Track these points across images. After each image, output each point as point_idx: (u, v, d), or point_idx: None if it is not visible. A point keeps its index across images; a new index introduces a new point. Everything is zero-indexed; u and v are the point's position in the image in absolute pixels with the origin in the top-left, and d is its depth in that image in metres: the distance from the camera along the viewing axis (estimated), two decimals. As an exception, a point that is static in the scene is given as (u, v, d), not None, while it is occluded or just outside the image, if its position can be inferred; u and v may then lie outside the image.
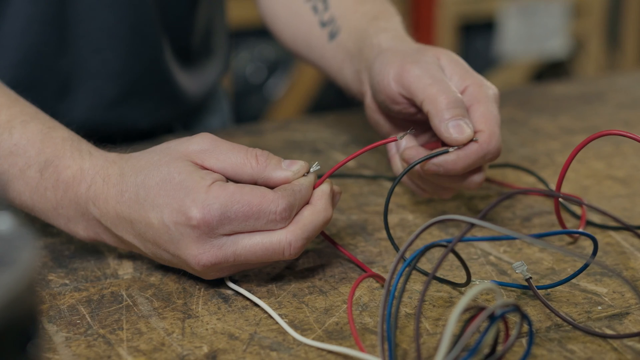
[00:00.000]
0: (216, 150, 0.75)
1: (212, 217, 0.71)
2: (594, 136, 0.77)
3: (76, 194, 0.78)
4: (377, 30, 0.92)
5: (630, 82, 1.34)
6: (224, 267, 0.75)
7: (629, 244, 0.85)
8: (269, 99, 2.64)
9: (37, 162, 0.79)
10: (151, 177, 0.74)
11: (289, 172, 0.76)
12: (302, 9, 1.02)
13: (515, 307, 0.62)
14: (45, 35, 1.01)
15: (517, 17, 2.78)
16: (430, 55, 0.86)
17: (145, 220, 0.74)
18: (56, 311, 0.75)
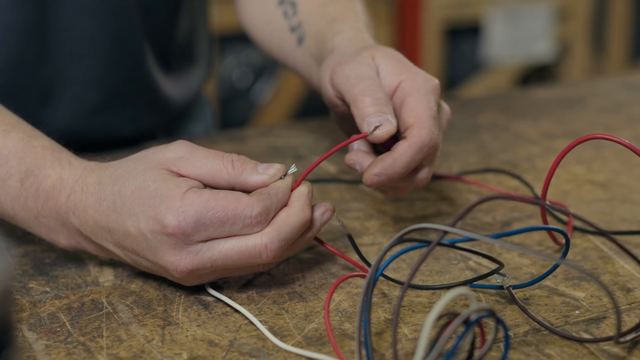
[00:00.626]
0: (192, 157, 0.75)
1: (187, 224, 0.72)
2: (578, 141, 0.77)
3: (56, 204, 0.78)
4: (333, 33, 0.92)
5: (612, 87, 1.34)
6: (203, 273, 0.75)
7: (608, 248, 0.85)
8: (256, 103, 2.65)
9: (18, 171, 0.79)
10: (127, 185, 0.74)
11: (266, 175, 0.76)
12: (274, 14, 1.03)
13: (490, 312, 0.63)
14: (26, 42, 1.01)
15: (502, 21, 2.79)
16: (365, 55, 0.85)
17: (123, 228, 0.74)
18: (36, 319, 0.75)
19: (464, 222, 0.91)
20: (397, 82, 0.84)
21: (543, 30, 2.84)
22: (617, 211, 0.93)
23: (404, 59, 0.86)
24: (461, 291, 0.61)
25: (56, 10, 1.01)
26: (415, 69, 0.85)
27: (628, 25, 3.03)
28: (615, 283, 0.79)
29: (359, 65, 0.84)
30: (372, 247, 0.87)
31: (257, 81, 2.65)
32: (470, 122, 1.20)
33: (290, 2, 1.01)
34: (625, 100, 1.28)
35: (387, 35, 2.66)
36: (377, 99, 0.81)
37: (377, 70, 0.85)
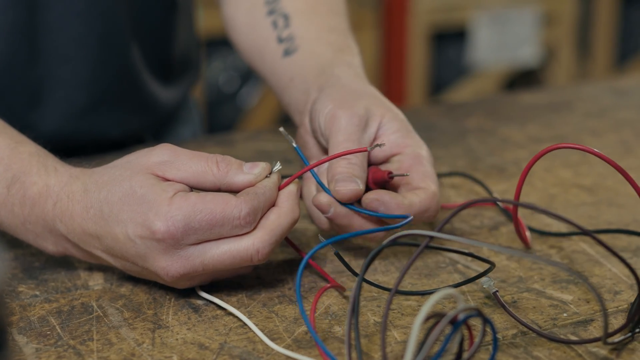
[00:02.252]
0: (177, 160, 0.76)
1: (176, 228, 0.72)
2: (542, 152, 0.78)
3: (43, 211, 0.78)
4: (341, 63, 0.93)
5: (598, 91, 1.35)
6: (194, 276, 0.75)
7: (595, 251, 0.86)
8: (242, 108, 2.65)
9: (5, 178, 0.79)
10: (113, 192, 0.74)
11: (251, 175, 0.76)
12: (262, 22, 1.02)
13: (477, 311, 0.63)
14: (14, 45, 1.01)
15: (488, 25, 2.80)
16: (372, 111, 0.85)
17: (112, 235, 0.75)
18: (26, 322, 0.75)
19: (452, 226, 0.92)
20: (404, 145, 0.85)
21: (529, 34, 2.85)
22: (604, 215, 0.94)
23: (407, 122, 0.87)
24: (448, 292, 0.62)
25: (45, 12, 1.01)
26: (418, 137, 0.86)
27: (613, 29, 3.04)
28: (602, 286, 0.80)
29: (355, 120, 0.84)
30: (361, 250, 0.87)
31: (244, 85, 2.65)
32: (457, 126, 1.20)
33: (282, 14, 1.01)
34: (611, 104, 1.29)
35: (373, 39, 2.67)
36: (353, 165, 0.82)
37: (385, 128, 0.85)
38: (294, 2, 1.02)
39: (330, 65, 0.93)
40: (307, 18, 1.01)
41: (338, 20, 1.02)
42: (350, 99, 0.86)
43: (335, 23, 1.02)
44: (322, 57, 0.95)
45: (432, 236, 0.67)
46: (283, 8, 1.01)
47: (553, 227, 0.91)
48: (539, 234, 0.90)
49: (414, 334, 0.59)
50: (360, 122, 0.84)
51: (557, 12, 2.89)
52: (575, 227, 0.67)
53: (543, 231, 0.90)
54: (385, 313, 0.64)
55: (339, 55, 0.95)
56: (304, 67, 0.96)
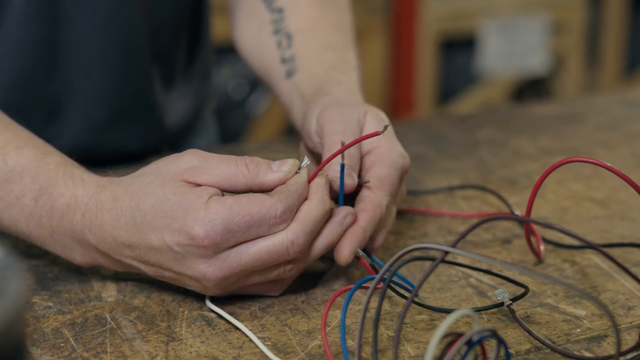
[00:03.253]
0: (206, 165, 0.76)
1: (215, 233, 0.72)
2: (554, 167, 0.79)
3: (71, 222, 0.78)
4: (332, 82, 0.94)
5: (609, 103, 1.35)
6: (232, 280, 0.76)
7: (608, 266, 0.86)
8: (251, 115, 2.65)
9: (32, 189, 0.79)
10: (145, 200, 0.75)
11: (281, 172, 0.77)
12: (268, 42, 1.03)
13: (492, 332, 0.63)
14: (36, 58, 1.01)
15: (497, 34, 2.80)
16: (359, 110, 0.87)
17: (146, 242, 0.75)
18: (40, 334, 0.75)
19: (465, 239, 0.92)
20: (376, 145, 0.85)
21: (538, 43, 2.85)
22: (616, 229, 0.94)
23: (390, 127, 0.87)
24: (465, 312, 0.62)
25: (66, 26, 1.02)
26: (395, 141, 0.86)
27: (622, 38, 3.04)
28: (615, 301, 0.80)
29: (348, 117, 0.85)
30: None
31: (253, 93, 2.66)
32: (469, 138, 1.20)
33: (286, 34, 1.02)
34: (622, 116, 1.29)
35: (382, 47, 2.67)
36: (349, 154, 0.83)
37: (363, 127, 0.86)
38: (296, 21, 1.03)
39: (322, 85, 0.94)
40: (307, 37, 1.02)
41: (338, 35, 1.03)
42: (336, 101, 0.88)
43: (334, 39, 1.02)
44: (315, 78, 0.96)
45: (447, 251, 0.68)
46: (287, 27, 1.02)
47: (566, 239, 0.91)
48: (554, 246, 0.90)
49: (430, 353, 0.59)
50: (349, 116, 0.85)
51: (566, 21, 2.89)
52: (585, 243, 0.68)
53: (557, 243, 0.90)
54: (398, 327, 0.65)
55: (331, 73, 0.96)
56: (302, 87, 0.97)
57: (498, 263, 0.68)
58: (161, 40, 1.11)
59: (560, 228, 0.69)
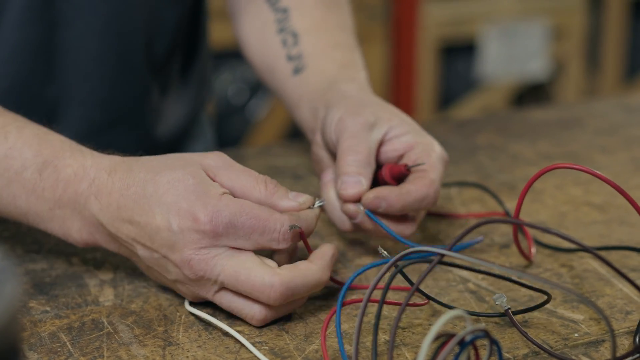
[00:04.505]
0: (229, 169, 0.77)
1: (219, 223, 0.73)
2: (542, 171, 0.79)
3: (76, 192, 0.78)
4: (346, 79, 0.95)
5: (608, 108, 1.35)
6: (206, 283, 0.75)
7: (606, 270, 0.86)
8: (251, 120, 2.65)
9: (35, 163, 0.79)
10: (163, 175, 0.75)
11: (295, 202, 0.78)
12: (273, 40, 1.04)
13: (485, 332, 0.63)
14: (32, 62, 1.01)
15: (497, 39, 2.80)
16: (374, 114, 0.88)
17: (148, 214, 0.75)
18: (37, 338, 0.75)
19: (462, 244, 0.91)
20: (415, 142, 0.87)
21: (538, 48, 2.85)
22: (615, 233, 0.94)
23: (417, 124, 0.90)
24: (457, 313, 0.62)
25: (64, 30, 1.01)
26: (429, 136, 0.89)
27: (622, 44, 3.04)
28: (613, 306, 0.80)
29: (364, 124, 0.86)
30: (371, 267, 0.87)
31: (253, 98, 2.66)
32: (467, 143, 1.20)
33: (291, 32, 1.02)
34: (622, 121, 1.29)
35: (382, 53, 2.68)
36: (357, 160, 0.84)
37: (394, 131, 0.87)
38: (302, 20, 1.04)
39: (335, 82, 0.95)
40: (314, 35, 1.03)
41: (344, 36, 1.04)
42: (359, 107, 0.89)
43: (342, 39, 1.03)
44: (327, 74, 0.97)
45: (443, 254, 0.68)
46: (292, 26, 1.03)
47: (564, 244, 0.90)
48: (551, 250, 0.89)
49: (422, 354, 0.59)
50: (366, 123, 0.87)
51: (567, 26, 2.89)
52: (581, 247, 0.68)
53: (555, 247, 0.90)
54: (393, 331, 0.64)
55: (343, 71, 0.97)
56: (311, 85, 0.97)
57: (496, 267, 0.68)
58: (158, 46, 1.11)
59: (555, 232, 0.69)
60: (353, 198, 0.84)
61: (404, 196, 0.83)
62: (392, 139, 0.87)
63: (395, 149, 0.87)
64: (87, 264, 0.87)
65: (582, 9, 2.90)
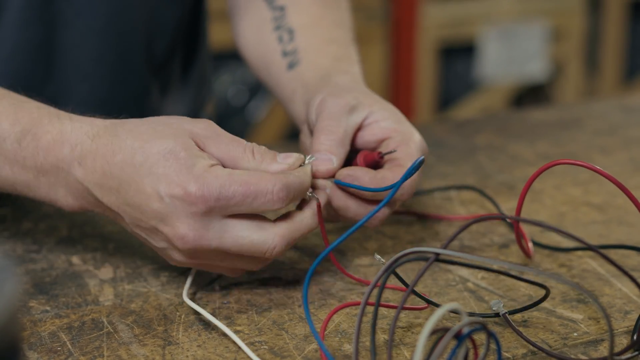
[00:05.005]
0: (218, 139, 0.77)
1: (210, 193, 0.73)
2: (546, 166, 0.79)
3: (57, 158, 0.77)
4: (339, 72, 0.95)
5: (607, 109, 1.35)
6: (203, 253, 0.75)
7: (605, 270, 0.86)
8: (250, 121, 2.65)
9: (13, 132, 0.79)
10: (154, 144, 0.75)
11: (285, 164, 0.78)
12: (269, 37, 1.04)
13: (482, 325, 0.63)
14: (32, 62, 1.01)
15: (497, 40, 2.81)
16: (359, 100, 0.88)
17: (137, 184, 0.74)
18: (37, 338, 0.75)
19: (461, 243, 0.92)
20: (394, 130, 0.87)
21: (537, 50, 2.86)
22: (614, 233, 0.94)
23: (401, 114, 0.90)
24: (452, 306, 0.62)
25: (64, 30, 1.02)
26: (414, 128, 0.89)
27: (622, 45, 3.04)
28: (612, 305, 0.80)
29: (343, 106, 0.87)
30: (370, 268, 0.87)
31: (252, 99, 2.66)
32: (467, 143, 1.20)
33: (287, 29, 1.03)
34: (620, 122, 1.29)
35: (381, 54, 2.68)
36: (331, 140, 0.85)
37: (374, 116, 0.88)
38: (299, 17, 1.04)
39: (328, 74, 0.95)
40: (310, 31, 1.03)
41: (340, 32, 1.04)
42: (342, 91, 0.89)
43: (337, 35, 1.04)
44: (321, 68, 0.97)
45: (438, 253, 0.67)
46: (288, 23, 1.03)
47: (563, 244, 0.91)
48: (550, 250, 0.90)
49: (419, 349, 0.59)
50: (346, 105, 0.87)
51: (566, 28, 2.89)
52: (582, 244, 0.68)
53: (554, 247, 0.90)
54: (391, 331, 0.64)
55: (337, 64, 0.98)
56: (305, 78, 0.98)
57: (497, 263, 0.68)
58: (158, 46, 1.11)
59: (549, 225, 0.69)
60: (323, 175, 0.83)
61: (377, 181, 0.83)
62: (371, 124, 0.87)
63: (374, 134, 0.87)
64: (87, 264, 0.87)
65: (581, 11, 2.91)
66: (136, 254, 0.88)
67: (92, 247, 0.90)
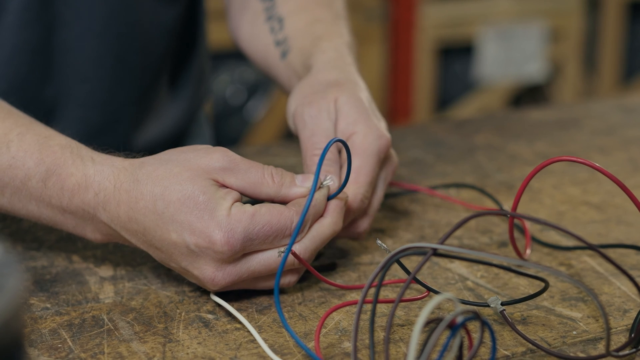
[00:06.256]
0: (235, 168, 0.78)
1: (236, 240, 0.74)
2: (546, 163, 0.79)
3: (83, 201, 0.78)
4: (317, 51, 0.96)
5: (605, 109, 1.36)
6: (238, 283, 0.78)
7: (604, 269, 0.86)
8: (249, 121, 2.65)
9: (38, 172, 0.79)
10: (173, 191, 0.75)
11: (304, 188, 0.79)
12: (262, 29, 1.06)
13: (475, 314, 0.63)
14: (31, 64, 1.01)
15: (495, 41, 2.81)
16: (329, 97, 0.88)
17: (162, 232, 0.75)
18: (37, 335, 0.75)
19: (461, 242, 0.92)
20: (350, 133, 0.87)
21: (535, 50, 2.86)
22: (613, 232, 0.94)
23: (364, 106, 0.88)
24: (445, 296, 0.62)
25: (62, 32, 1.02)
26: (370, 122, 0.87)
27: (620, 46, 3.05)
28: (611, 304, 0.80)
29: (318, 113, 0.87)
30: (370, 266, 0.87)
31: (251, 98, 2.66)
32: (465, 142, 1.21)
33: (277, 18, 1.04)
34: (619, 122, 1.29)
35: (380, 54, 2.68)
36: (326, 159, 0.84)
37: (337, 114, 0.88)
38: (287, 4, 1.06)
39: (309, 57, 0.96)
40: (296, 16, 1.04)
41: (325, 10, 1.05)
42: (310, 92, 0.89)
43: (321, 14, 1.04)
44: (304, 52, 0.98)
45: (435, 248, 0.67)
46: (278, 12, 1.05)
47: (562, 242, 0.91)
48: (550, 248, 0.90)
49: (414, 337, 0.59)
50: (319, 112, 0.87)
51: (564, 28, 2.90)
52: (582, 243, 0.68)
53: (554, 245, 0.90)
54: (387, 327, 0.65)
55: (317, 43, 0.98)
56: (295, 64, 0.99)
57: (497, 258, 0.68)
58: (156, 47, 1.11)
59: (543, 221, 0.69)
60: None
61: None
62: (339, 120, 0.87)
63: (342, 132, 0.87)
64: (87, 261, 0.87)
65: (580, 11, 2.91)
66: (136, 251, 0.88)
67: (92, 244, 0.90)
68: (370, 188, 0.86)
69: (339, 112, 0.88)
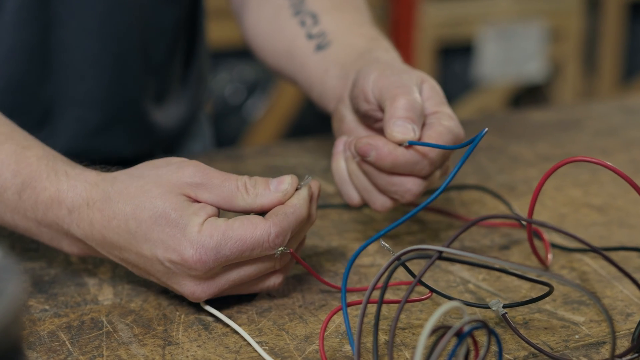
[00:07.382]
0: (208, 183, 0.76)
1: (207, 257, 0.73)
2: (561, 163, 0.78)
3: (57, 216, 0.78)
4: (378, 48, 0.94)
5: (607, 110, 1.35)
6: (219, 293, 0.77)
7: (606, 272, 0.86)
8: (248, 119, 2.65)
9: (14, 184, 0.79)
10: (144, 209, 0.74)
11: (279, 193, 0.77)
12: (288, 23, 1.03)
13: (482, 323, 0.63)
14: (29, 63, 1.01)
15: (495, 41, 2.80)
16: (415, 76, 0.87)
17: (137, 250, 0.75)
18: (36, 337, 0.75)
19: (462, 244, 0.91)
20: (434, 110, 0.85)
21: (535, 50, 2.85)
22: (615, 235, 0.94)
23: (443, 95, 0.88)
24: (454, 304, 0.62)
25: (59, 31, 1.01)
26: (450, 110, 0.87)
27: (620, 46, 3.04)
28: (614, 308, 0.80)
29: (405, 79, 0.85)
30: (371, 268, 0.87)
31: (250, 97, 2.66)
32: (467, 143, 1.20)
33: (309, 13, 1.02)
34: (620, 123, 1.29)
35: (380, 53, 2.67)
36: (413, 106, 0.82)
37: (422, 94, 0.86)
38: (319, 2, 1.03)
39: (368, 51, 0.94)
40: (335, 15, 1.02)
41: (364, 16, 1.04)
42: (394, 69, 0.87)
43: (363, 18, 1.03)
44: (357, 46, 0.96)
45: (441, 251, 0.67)
46: (309, 8, 1.03)
47: (563, 245, 0.90)
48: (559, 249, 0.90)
49: (420, 347, 0.59)
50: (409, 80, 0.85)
51: (564, 28, 2.89)
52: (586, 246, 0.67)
53: (557, 246, 0.90)
54: (392, 329, 0.64)
55: (374, 42, 0.96)
56: (340, 56, 0.96)
57: (500, 262, 0.68)
58: (155, 46, 1.11)
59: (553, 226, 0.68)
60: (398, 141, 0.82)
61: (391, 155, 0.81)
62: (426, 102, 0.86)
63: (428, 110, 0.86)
64: (86, 263, 0.87)
65: (580, 11, 2.90)
66: (136, 253, 0.88)
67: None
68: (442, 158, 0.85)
69: (423, 92, 0.86)
